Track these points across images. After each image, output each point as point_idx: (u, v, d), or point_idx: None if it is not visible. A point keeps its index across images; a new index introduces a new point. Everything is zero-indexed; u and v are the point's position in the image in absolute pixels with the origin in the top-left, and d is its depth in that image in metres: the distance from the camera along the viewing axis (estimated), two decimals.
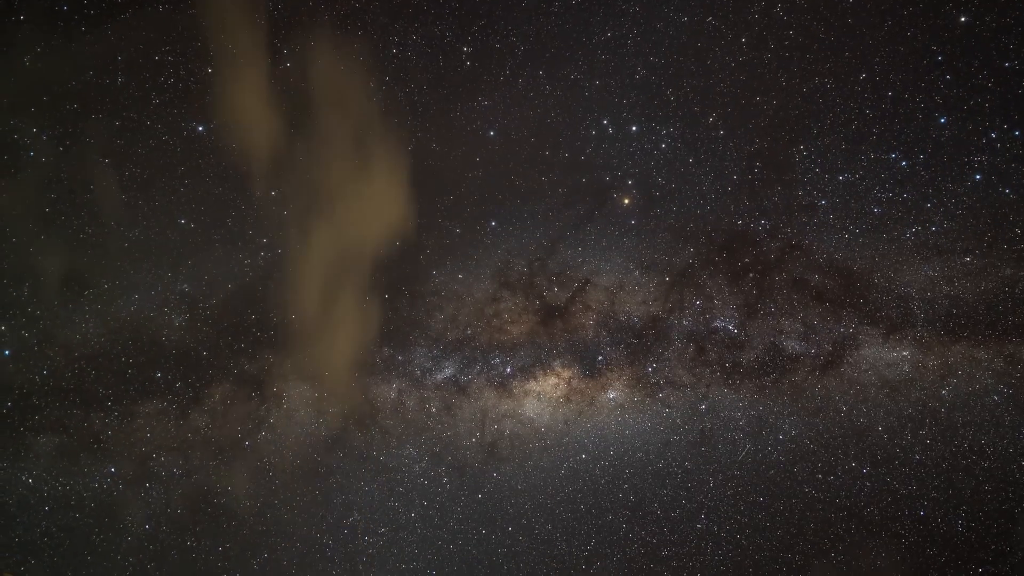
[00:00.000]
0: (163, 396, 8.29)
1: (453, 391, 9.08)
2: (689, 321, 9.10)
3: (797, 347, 9.07)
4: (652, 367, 9.18)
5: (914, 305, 8.85)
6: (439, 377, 9.06)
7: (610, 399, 9.25)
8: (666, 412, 9.22)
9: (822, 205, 8.66)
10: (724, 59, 8.23)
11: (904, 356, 8.97)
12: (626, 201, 8.79)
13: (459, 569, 9.08)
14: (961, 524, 8.91)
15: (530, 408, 9.19)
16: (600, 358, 9.18)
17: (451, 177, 8.48)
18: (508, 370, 9.14)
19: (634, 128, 8.52)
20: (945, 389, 8.86)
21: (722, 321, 9.10)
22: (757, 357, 9.11)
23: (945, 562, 8.95)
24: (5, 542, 8.02)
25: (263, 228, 8.23)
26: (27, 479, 8.07)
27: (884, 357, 9.00)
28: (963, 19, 7.95)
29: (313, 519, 8.84)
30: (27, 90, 7.34)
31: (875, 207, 8.60)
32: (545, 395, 9.21)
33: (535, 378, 9.18)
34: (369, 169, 8.20)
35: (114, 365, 8.11)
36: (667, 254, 8.92)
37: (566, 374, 9.21)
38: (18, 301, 7.66)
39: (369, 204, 8.29)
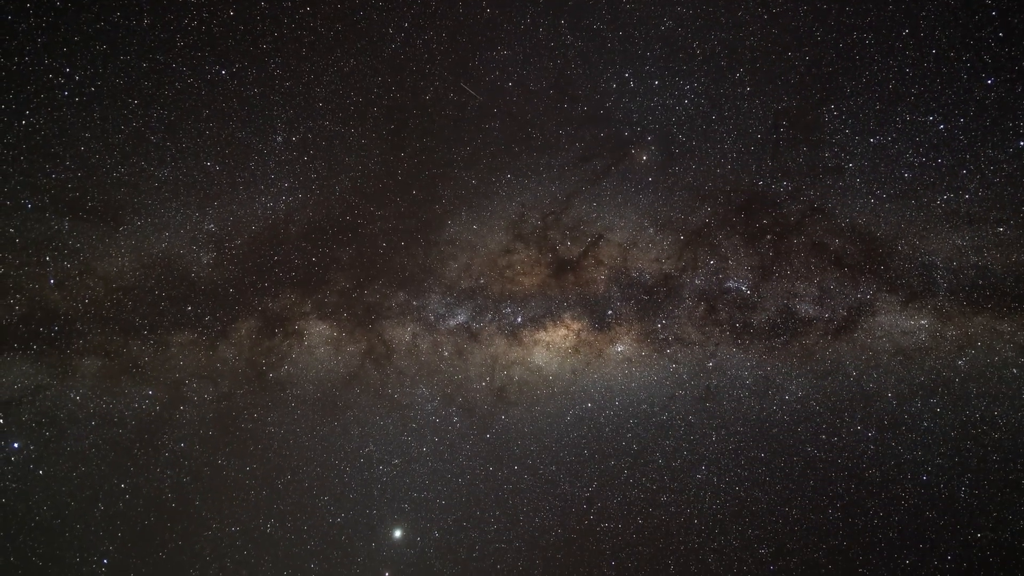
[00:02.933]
0: (193, 328, 8.79)
1: (465, 337, 9.40)
2: (702, 280, 9.11)
3: (811, 311, 9.03)
4: (661, 323, 9.29)
5: (938, 274, 8.65)
6: (452, 323, 9.37)
7: (618, 352, 9.44)
8: (673, 367, 9.39)
9: (849, 168, 8.38)
10: (756, 11, 7.83)
11: (922, 325, 8.84)
12: (644, 157, 8.66)
13: (467, 501, 9.64)
14: (964, 491, 8.98)
15: (539, 357, 9.46)
16: (610, 312, 9.32)
17: (468, 128, 8.47)
18: (519, 319, 9.38)
19: (656, 82, 8.27)
20: (962, 360, 8.75)
21: (735, 282, 9.07)
22: (769, 319, 9.11)
23: (943, 525, 9.08)
24: (58, 450, 8.79)
25: (284, 173, 8.44)
26: (75, 396, 8.74)
27: (901, 325, 8.89)
28: None
29: (332, 447, 9.43)
30: (59, 29, 7.51)
31: (906, 172, 8.28)
32: (554, 345, 9.45)
33: (545, 328, 9.40)
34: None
35: (148, 297, 8.57)
36: (683, 212, 8.85)
37: (575, 326, 9.41)
38: (59, 234, 8.12)
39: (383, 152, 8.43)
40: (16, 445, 8.50)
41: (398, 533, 9.52)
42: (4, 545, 8.65)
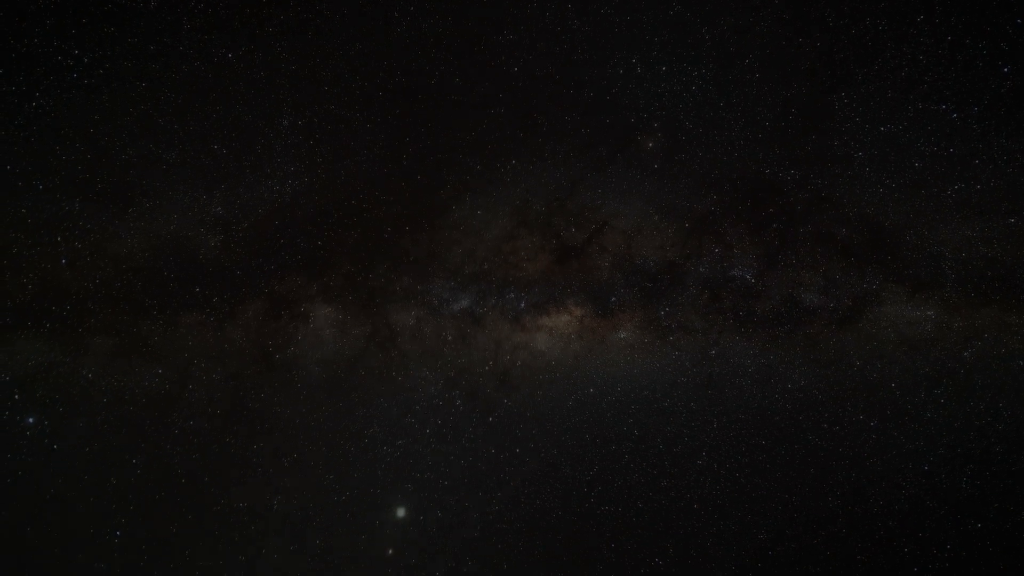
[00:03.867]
0: (202, 309, 8.89)
1: (469, 321, 9.46)
2: (706, 268, 9.08)
3: (815, 300, 8.98)
4: (665, 311, 9.29)
5: (945, 265, 8.55)
6: (456, 308, 9.42)
7: (620, 339, 9.47)
8: (675, 355, 9.42)
9: (858, 157, 8.28)
10: None
11: (928, 315, 8.78)
12: (650, 144, 8.60)
13: (469, 482, 9.78)
14: (966, 481, 8.99)
15: (542, 342, 9.50)
16: (613, 299, 9.33)
17: (473, 113, 8.44)
18: (522, 305, 9.41)
19: (664, 68, 8.17)
20: (968, 351, 8.70)
21: (740, 270, 9.04)
22: (773, 308, 9.08)
23: (944, 514, 9.10)
24: (71, 425, 9.00)
25: (290, 156, 8.48)
26: (88, 374, 8.90)
27: (906, 315, 8.83)
28: None
29: (337, 428, 9.57)
30: (67, 11, 7.53)
31: (916, 161, 8.17)
32: (557, 331, 9.49)
33: (548, 314, 9.43)
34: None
35: (157, 278, 8.68)
36: (689, 200, 8.80)
37: (578, 312, 9.43)
38: (70, 215, 8.23)
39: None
40: (31, 420, 8.71)
41: (401, 512, 9.70)
42: (21, 516, 8.92)
